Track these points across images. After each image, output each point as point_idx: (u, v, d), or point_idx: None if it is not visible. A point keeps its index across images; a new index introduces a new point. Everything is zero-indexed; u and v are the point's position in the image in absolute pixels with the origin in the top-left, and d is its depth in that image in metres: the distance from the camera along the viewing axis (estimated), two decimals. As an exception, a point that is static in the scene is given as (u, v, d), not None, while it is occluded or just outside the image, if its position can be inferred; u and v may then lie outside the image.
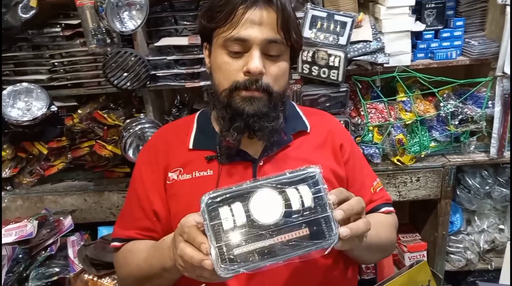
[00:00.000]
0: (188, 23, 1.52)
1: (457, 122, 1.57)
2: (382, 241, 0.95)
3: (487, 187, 1.76)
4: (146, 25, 1.51)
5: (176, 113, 1.62)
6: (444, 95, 1.61)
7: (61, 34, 1.52)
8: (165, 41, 1.48)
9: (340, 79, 1.43)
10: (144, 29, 1.52)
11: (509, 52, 1.41)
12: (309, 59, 1.43)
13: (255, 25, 0.82)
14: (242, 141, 0.89)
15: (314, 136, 0.99)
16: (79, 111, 1.62)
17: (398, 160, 1.59)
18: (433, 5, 1.55)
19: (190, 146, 0.94)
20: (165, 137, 1.00)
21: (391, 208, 1.07)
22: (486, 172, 1.76)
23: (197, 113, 1.04)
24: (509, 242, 0.76)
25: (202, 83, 1.50)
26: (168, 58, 1.47)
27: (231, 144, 0.88)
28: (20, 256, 1.40)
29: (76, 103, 1.66)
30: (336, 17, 1.40)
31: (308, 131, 1.00)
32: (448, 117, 1.57)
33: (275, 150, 0.93)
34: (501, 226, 1.80)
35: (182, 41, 1.46)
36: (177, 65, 1.49)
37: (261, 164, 0.91)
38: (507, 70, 1.43)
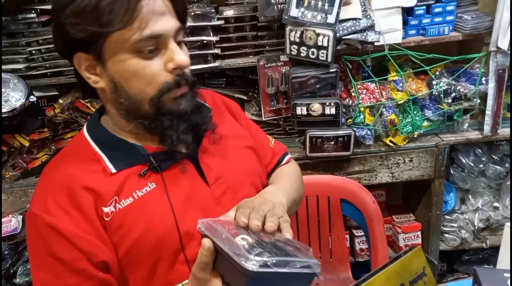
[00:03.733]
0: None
1: (450, 100, 1.53)
2: (299, 193, 0.98)
3: (481, 165, 1.73)
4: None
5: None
6: (437, 73, 1.57)
7: (36, 20, 1.45)
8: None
9: (329, 59, 1.38)
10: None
11: (505, 26, 1.36)
12: (297, 40, 1.38)
13: (161, 16, 0.70)
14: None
15: (217, 113, 0.91)
16: (60, 101, 1.56)
17: (390, 141, 1.56)
18: (424, -21, 1.49)
19: (112, 170, 0.76)
20: (69, 174, 0.75)
21: (289, 155, 1.09)
22: (480, 150, 1.73)
23: (84, 132, 0.81)
24: (509, 225, 0.73)
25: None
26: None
27: (161, 149, 0.77)
28: (6, 252, 1.36)
29: (57, 93, 1.60)
30: (324, -6, 1.34)
31: (211, 110, 0.90)
32: (441, 95, 1.53)
33: (201, 138, 0.85)
34: (496, 204, 1.79)
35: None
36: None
37: (200, 157, 0.82)
38: (502, 45, 1.39)
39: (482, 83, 1.53)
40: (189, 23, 1.38)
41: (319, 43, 1.36)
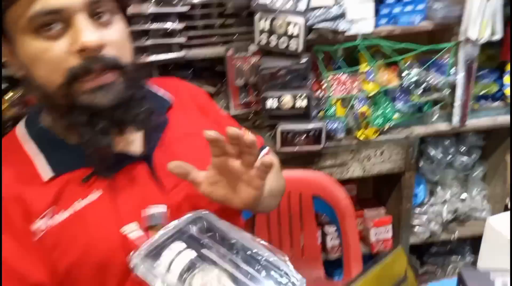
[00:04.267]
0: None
1: (420, 92, 1.52)
2: (279, 184, 0.86)
3: (449, 157, 1.75)
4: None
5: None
6: (407, 64, 1.55)
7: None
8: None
9: (300, 48, 1.32)
10: None
11: (474, 15, 1.35)
12: (267, 28, 1.31)
13: None
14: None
15: (180, 107, 0.80)
16: (10, 95, 1.42)
17: (362, 134, 1.53)
18: (395, -33, 1.45)
19: (48, 175, 0.64)
20: None
21: (268, 148, 0.95)
22: (448, 141, 1.74)
23: (17, 131, 0.70)
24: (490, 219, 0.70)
25: (150, 59, 1.34)
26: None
27: (104, 152, 0.64)
28: None
29: (7, 84, 1.45)
30: (294, -20, 1.27)
31: (172, 103, 0.80)
32: (412, 86, 1.51)
33: (158, 139, 0.73)
34: (463, 196, 1.81)
35: (122, 9, 1.29)
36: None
37: (156, 160, 0.70)
38: (471, 35, 1.38)
39: (451, 74, 1.52)
40: (151, 8, 1.27)
41: (290, 32, 1.29)
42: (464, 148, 1.77)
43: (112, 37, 0.62)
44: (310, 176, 1.52)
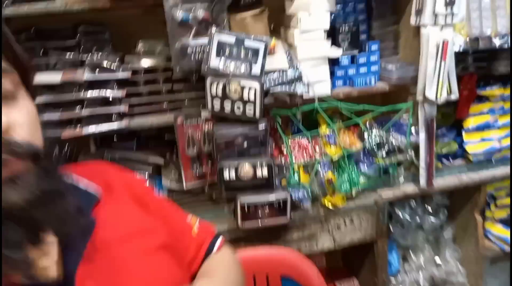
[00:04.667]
0: (62, 55, 1.18)
1: (384, 154, 1.44)
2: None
3: (418, 219, 1.66)
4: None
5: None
6: (367, 125, 1.49)
7: None
8: (28, 78, 1.12)
9: (257, 115, 1.20)
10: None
11: (430, 75, 1.33)
12: (220, 93, 1.19)
13: None
14: None
15: (111, 200, 0.64)
16: None
17: (329, 202, 1.40)
18: (346, 29, 1.44)
19: None
20: None
21: (221, 239, 0.85)
22: (413, 202, 1.66)
23: None
24: None
25: (85, 131, 1.16)
26: (35, 101, 1.10)
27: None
28: None
29: None
30: (247, 43, 1.19)
31: (99, 197, 0.62)
32: (375, 148, 1.44)
33: (84, 248, 0.55)
34: (437, 260, 1.70)
35: (54, 77, 1.12)
36: (48, 109, 1.13)
37: (77, 282, 0.52)
38: (429, 94, 1.35)
39: (412, 134, 1.48)
40: (87, 75, 1.12)
41: (245, 97, 1.18)
42: (430, 208, 1.70)
43: (19, 118, 0.48)
44: (277, 253, 1.34)
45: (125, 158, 1.31)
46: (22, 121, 0.48)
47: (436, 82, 1.34)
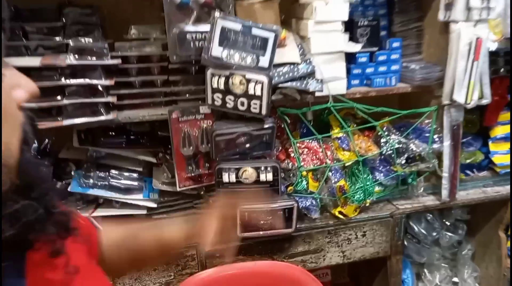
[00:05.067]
0: (44, 38, 1.05)
1: (403, 161, 1.30)
2: None
3: (434, 234, 1.51)
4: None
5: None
6: (384, 129, 1.34)
7: None
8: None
9: (264, 112, 1.06)
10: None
11: (460, 77, 1.18)
12: (222, 87, 1.05)
13: None
14: None
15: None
16: None
17: (340, 212, 1.26)
18: (366, 23, 1.29)
19: None
20: None
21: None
22: (430, 216, 1.51)
23: None
24: None
25: (66, 122, 1.02)
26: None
27: None
28: None
29: None
30: (255, 31, 1.05)
31: None
32: (393, 155, 1.29)
33: None
34: (455, 279, 1.55)
35: (32, 61, 0.98)
36: (25, 96, 0.99)
37: None
38: (458, 98, 1.20)
39: (435, 141, 1.33)
40: (69, 60, 0.98)
41: (251, 92, 1.04)
42: (449, 223, 1.55)
43: None
44: (279, 269, 1.19)
45: (113, 155, 1.17)
46: None
47: (467, 84, 1.19)
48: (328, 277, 1.61)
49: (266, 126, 1.11)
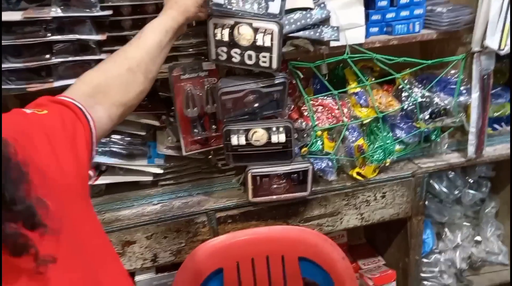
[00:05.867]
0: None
1: (427, 117, 1.19)
2: None
3: (456, 192, 1.43)
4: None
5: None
6: (405, 82, 1.23)
7: None
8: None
9: (274, 65, 0.95)
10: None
11: (494, 20, 1.05)
12: (226, 39, 0.94)
13: None
14: None
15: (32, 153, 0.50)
16: None
17: (358, 173, 1.17)
18: (386, -39, 1.14)
19: None
20: None
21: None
22: (453, 173, 1.42)
23: None
24: None
25: (57, 84, 0.93)
26: (-10, 45, 0.87)
27: None
28: None
29: None
30: (261, -28, 0.92)
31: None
32: (415, 111, 1.19)
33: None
34: (477, 238, 1.49)
35: (13, 15, 0.88)
36: (9, 57, 0.90)
37: None
38: (490, 43, 1.07)
39: (461, 93, 1.21)
40: (54, 12, 0.87)
41: (259, 43, 0.93)
42: (472, 180, 1.46)
43: None
44: (294, 233, 1.15)
45: (113, 119, 1.09)
46: None
47: (502, 27, 1.06)
48: (344, 239, 1.56)
49: (277, 81, 1.00)
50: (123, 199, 1.11)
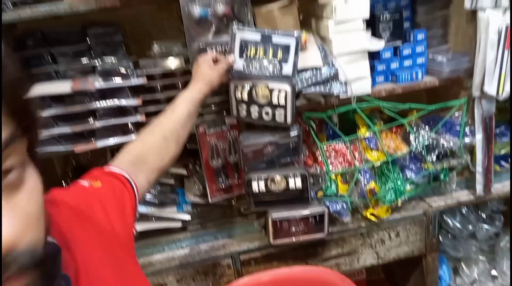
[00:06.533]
0: (72, 61, 1.07)
1: (434, 158, 1.27)
2: None
3: (470, 227, 1.47)
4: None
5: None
6: (412, 125, 1.31)
7: None
8: (36, 90, 1.02)
9: (289, 121, 1.06)
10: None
11: (491, 68, 1.14)
12: (245, 97, 1.05)
13: None
14: None
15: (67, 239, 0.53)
16: None
17: (371, 214, 1.25)
18: (388, 17, 1.26)
19: None
20: None
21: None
22: (466, 209, 1.47)
23: None
24: None
25: (99, 144, 1.05)
26: (44, 114, 1.00)
27: None
28: None
29: None
30: (275, 39, 1.04)
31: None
32: (423, 152, 1.26)
33: None
34: (493, 272, 1.51)
35: (63, 87, 1.01)
36: (59, 122, 1.03)
37: None
38: (489, 89, 1.16)
39: (466, 135, 1.29)
40: (98, 83, 1.01)
41: (274, 101, 1.04)
42: (484, 215, 1.51)
43: (28, 211, 0.37)
44: (313, 273, 1.20)
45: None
46: (22, 214, 0.37)
47: (498, 75, 1.14)
48: (362, 276, 1.61)
49: (292, 134, 1.11)
50: (155, 244, 1.20)
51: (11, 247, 0.35)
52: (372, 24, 1.25)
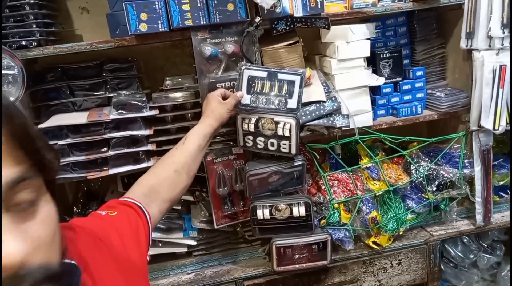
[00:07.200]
0: (88, 94, 1.14)
1: (434, 188, 1.31)
2: None
3: (472, 256, 1.49)
4: (32, 99, 1.12)
5: (80, 211, 1.19)
6: (413, 156, 1.36)
7: None
8: (54, 121, 1.08)
9: (293, 151, 1.11)
10: (29, 105, 1.12)
11: (486, 104, 1.19)
12: (252, 129, 1.11)
13: None
14: None
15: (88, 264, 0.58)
16: None
17: (374, 242, 1.28)
18: (388, 55, 1.33)
19: None
20: None
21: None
22: (467, 238, 1.50)
23: None
24: None
25: (112, 171, 1.11)
26: (60, 142, 1.06)
27: None
28: None
29: None
30: (280, 76, 1.10)
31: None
32: (424, 183, 1.30)
33: None
34: (496, 302, 1.52)
35: (80, 118, 1.08)
36: (74, 150, 1.09)
37: None
38: (485, 124, 1.21)
39: (465, 166, 1.33)
40: (113, 114, 1.07)
41: (279, 133, 1.10)
42: (486, 244, 1.53)
43: (35, 236, 0.41)
44: (316, 301, 1.23)
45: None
46: (37, 238, 0.42)
47: (494, 110, 1.19)
48: (365, 303, 1.61)
49: (296, 163, 1.15)
50: (161, 269, 1.24)
51: (21, 264, 0.39)
52: (373, 61, 1.32)
